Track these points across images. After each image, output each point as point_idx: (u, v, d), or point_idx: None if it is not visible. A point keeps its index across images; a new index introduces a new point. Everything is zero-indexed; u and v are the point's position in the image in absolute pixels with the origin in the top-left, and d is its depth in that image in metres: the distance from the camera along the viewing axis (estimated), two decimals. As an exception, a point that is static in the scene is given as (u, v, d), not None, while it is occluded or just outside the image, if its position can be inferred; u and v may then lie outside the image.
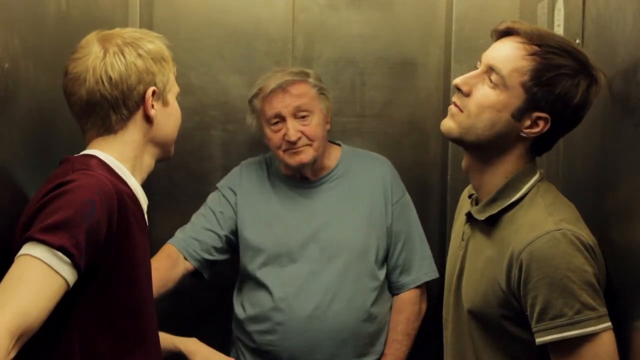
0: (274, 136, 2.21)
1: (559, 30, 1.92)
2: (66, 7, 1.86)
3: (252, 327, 2.23)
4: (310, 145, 2.20)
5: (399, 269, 2.30)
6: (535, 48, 1.48)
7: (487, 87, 1.50)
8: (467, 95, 1.52)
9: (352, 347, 2.21)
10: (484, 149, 1.54)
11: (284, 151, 2.21)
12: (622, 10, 1.48)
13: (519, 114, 1.49)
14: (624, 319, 1.40)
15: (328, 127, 2.29)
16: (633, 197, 1.40)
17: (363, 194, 2.28)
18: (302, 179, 2.30)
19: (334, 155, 2.33)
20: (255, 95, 2.26)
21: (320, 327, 2.17)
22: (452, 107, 1.56)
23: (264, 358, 2.22)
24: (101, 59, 1.51)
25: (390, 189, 2.30)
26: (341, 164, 2.32)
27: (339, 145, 2.38)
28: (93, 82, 1.50)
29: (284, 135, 2.18)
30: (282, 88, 2.20)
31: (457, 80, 1.54)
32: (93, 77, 1.50)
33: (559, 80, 1.47)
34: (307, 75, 2.26)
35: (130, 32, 1.58)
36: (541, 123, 1.50)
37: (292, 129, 2.18)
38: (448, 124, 1.56)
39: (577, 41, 1.74)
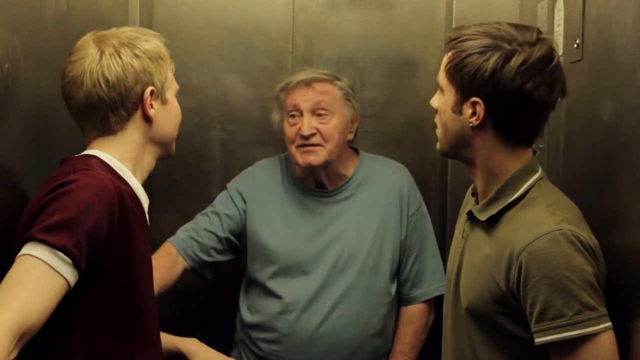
0: (289, 129, 2.19)
1: (559, 30, 1.92)
2: (66, 7, 1.85)
3: (258, 335, 2.20)
4: (323, 146, 2.16)
5: (411, 281, 2.26)
6: (451, 43, 1.54)
7: (437, 96, 1.62)
8: (437, 111, 1.64)
9: None
10: (457, 151, 1.61)
11: (297, 147, 2.17)
12: (622, 10, 1.48)
13: (457, 107, 1.55)
14: (624, 319, 1.40)
15: (350, 137, 2.24)
16: (633, 197, 1.40)
17: (379, 207, 2.23)
18: (317, 187, 2.25)
19: (352, 163, 2.28)
20: (282, 89, 2.25)
21: (326, 341, 2.14)
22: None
23: None
24: (97, 61, 1.50)
25: (407, 200, 2.25)
26: (358, 173, 2.27)
27: (357, 150, 2.33)
28: (90, 85, 1.50)
29: (299, 129, 2.16)
30: (306, 83, 2.20)
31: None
32: (90, 80, 1.50)
33: (467, 62, 1.51)
34: (337, 78, 2.24)
35: (126, 32, 1.57)
36: (478, 108, 1.52)
37: (307, 124, 2.15)
38: (437, 145, 1.66)
39: (577, 41, 1.74)
